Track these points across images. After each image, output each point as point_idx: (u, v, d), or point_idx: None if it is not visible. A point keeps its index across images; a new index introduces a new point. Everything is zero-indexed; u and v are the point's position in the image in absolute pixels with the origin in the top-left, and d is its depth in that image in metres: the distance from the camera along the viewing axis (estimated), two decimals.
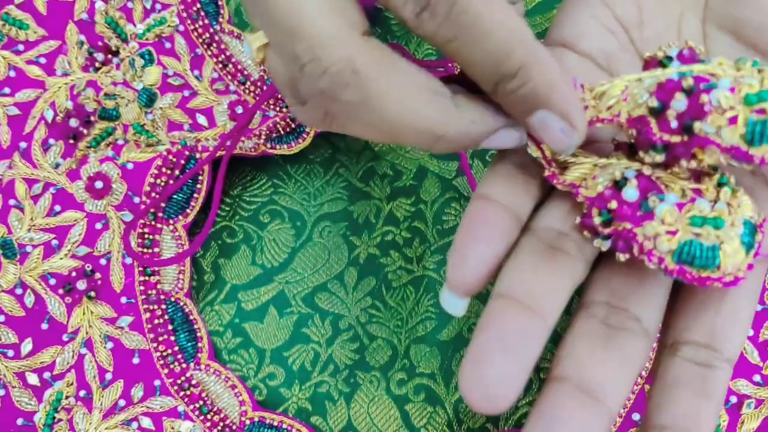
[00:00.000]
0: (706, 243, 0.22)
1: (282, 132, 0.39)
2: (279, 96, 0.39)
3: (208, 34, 0.40)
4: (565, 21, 0.28)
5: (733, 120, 0.22)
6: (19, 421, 0.35)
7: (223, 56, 0.40)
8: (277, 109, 0.39)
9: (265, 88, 0.40)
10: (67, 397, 0.35)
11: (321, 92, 0.23)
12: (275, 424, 0.36)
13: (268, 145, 0.38)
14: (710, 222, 0.22)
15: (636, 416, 0.34)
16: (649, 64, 0.25)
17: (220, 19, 0.40)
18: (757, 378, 0.34)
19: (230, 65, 0.40)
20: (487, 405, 0.21)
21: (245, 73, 0.40)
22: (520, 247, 0.24)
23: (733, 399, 0.34)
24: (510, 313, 0.22)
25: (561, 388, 0.22)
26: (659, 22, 0.28)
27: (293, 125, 0.39)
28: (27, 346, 0.36)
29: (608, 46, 0.28)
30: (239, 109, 0.39)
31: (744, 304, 0.25)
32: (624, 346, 0.23)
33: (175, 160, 0.38)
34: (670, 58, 0.25)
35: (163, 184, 0.37)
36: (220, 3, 0.40)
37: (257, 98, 0.39)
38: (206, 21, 0.40)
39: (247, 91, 0.39)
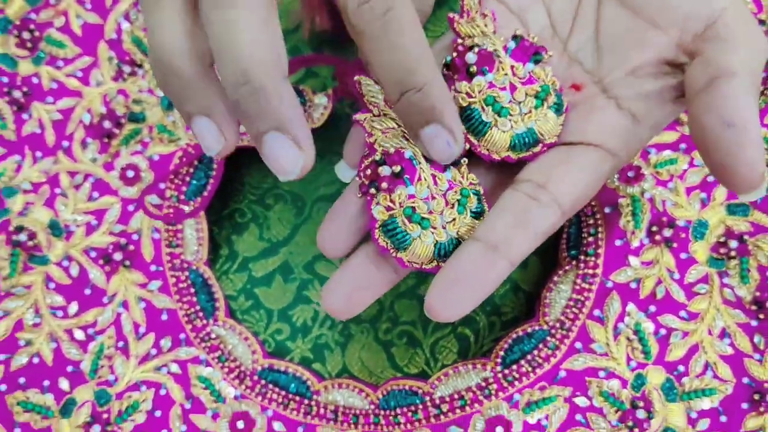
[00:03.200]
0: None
1: None
2: None
3: None
4: None
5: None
6: (69, 368, 0.42)
7: None
8: None
9: None
10: (108, 348, 0.42)
11: None
12: (282, 369, 0.42)
13: None
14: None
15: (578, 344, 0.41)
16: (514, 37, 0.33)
17: None
18: (683, 314, 0.41)
19: None
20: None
21: None
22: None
23: (663, 331, 0.40)
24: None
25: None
26: None
27: None
28: (73, 307, 0.43)
29: (522, 2, 0.35)
30: None
31: (582, 168, 0.31)
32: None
33: (193, 151, 0.45)
34: (516, 38, 0.33)
35: (184, 171, 0.45)
36: None
37: None
38: None
39: None
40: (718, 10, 0.30)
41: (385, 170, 0.31)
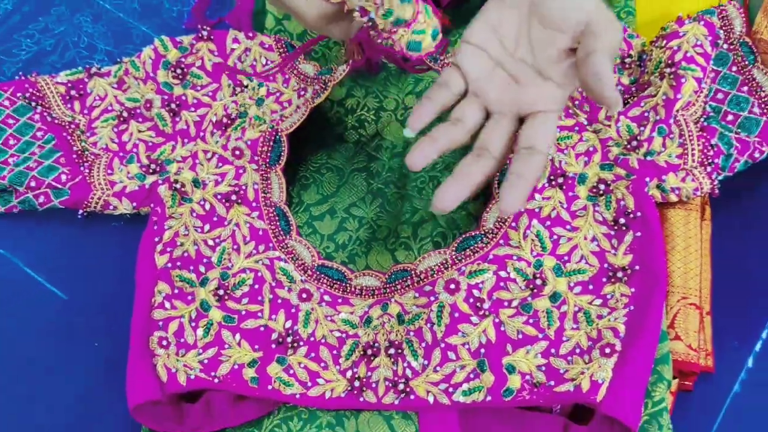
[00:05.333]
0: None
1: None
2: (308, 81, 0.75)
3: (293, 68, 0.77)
4: (470, 26, 0.60)
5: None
6: (204, 260, 0.70)
7: (301, 75, 0.76)
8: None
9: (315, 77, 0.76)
10: (227, 249, 0.70)
11: None
12: (329, 266, 0.70)
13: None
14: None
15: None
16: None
17: (297, 62, 0.77)
18: (568, 227, 0.66)
19: (301, 76, 0.76)
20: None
21: (308, 77, 0.76)
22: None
23: (555, 236, 0.66)
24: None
25: (468, 157, 0.56)
26: (510, 22, 0.59)
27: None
28: (207, 227, 0.71)
29: (483, 39, 0.60)
30: (307, 94, 0.75)
31: (547, 127, 0.56)
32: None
33: (268, 135, 0.74)
34: None
35: (266, 149, 0.73)
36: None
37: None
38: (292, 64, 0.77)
39: (308, 83, 0.75)
40: (591, 12, 0.54)
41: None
